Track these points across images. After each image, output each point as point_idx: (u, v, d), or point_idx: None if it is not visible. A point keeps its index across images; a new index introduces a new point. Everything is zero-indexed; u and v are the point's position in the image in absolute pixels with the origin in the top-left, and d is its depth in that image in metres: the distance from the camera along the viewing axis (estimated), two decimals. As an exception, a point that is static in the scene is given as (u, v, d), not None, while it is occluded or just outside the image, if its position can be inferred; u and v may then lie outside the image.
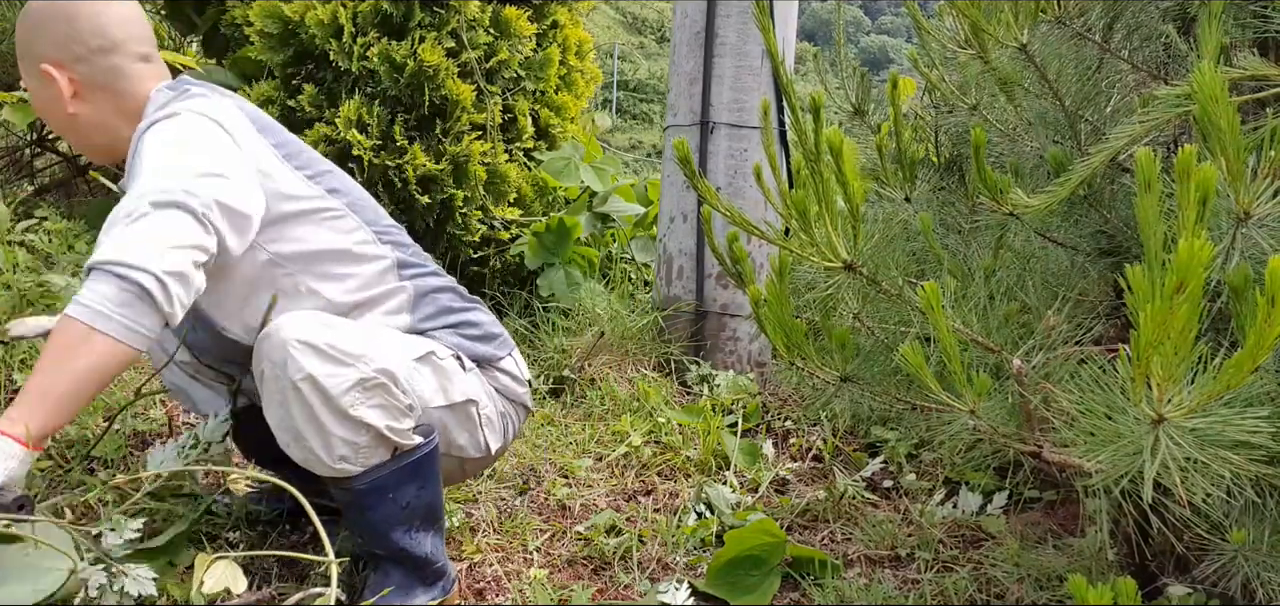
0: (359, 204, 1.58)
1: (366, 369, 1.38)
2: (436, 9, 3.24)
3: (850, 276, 1.22)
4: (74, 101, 1.45)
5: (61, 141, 4.33)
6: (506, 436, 1.73)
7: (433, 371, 1.53)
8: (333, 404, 1.36)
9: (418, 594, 1.52)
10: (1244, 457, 0.85)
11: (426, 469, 1.50)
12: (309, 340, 1.35)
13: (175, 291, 1.23)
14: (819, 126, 1.15)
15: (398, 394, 1.42)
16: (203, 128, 1.41)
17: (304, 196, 1.48)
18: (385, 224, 1.62)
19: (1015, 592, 1.64)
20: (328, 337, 1.37)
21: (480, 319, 1.70)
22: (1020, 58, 1.39)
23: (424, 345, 1.54)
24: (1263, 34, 1.30)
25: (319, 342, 1.35)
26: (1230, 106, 0.85)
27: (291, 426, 1.38)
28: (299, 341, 1.35)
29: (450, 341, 1.61)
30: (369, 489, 1.43)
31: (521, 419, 1.78)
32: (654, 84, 22.89)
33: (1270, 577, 1.14)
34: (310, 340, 1.35)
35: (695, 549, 1.87)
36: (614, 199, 3.79)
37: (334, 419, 1.37)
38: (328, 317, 1.43)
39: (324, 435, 1.37)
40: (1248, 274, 0.87)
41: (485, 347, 1.67)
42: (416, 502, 1.50)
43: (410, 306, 1.60)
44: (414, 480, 1.48)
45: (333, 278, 1.51)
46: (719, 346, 3.00)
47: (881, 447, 2.37)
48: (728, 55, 2.95)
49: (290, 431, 1.38)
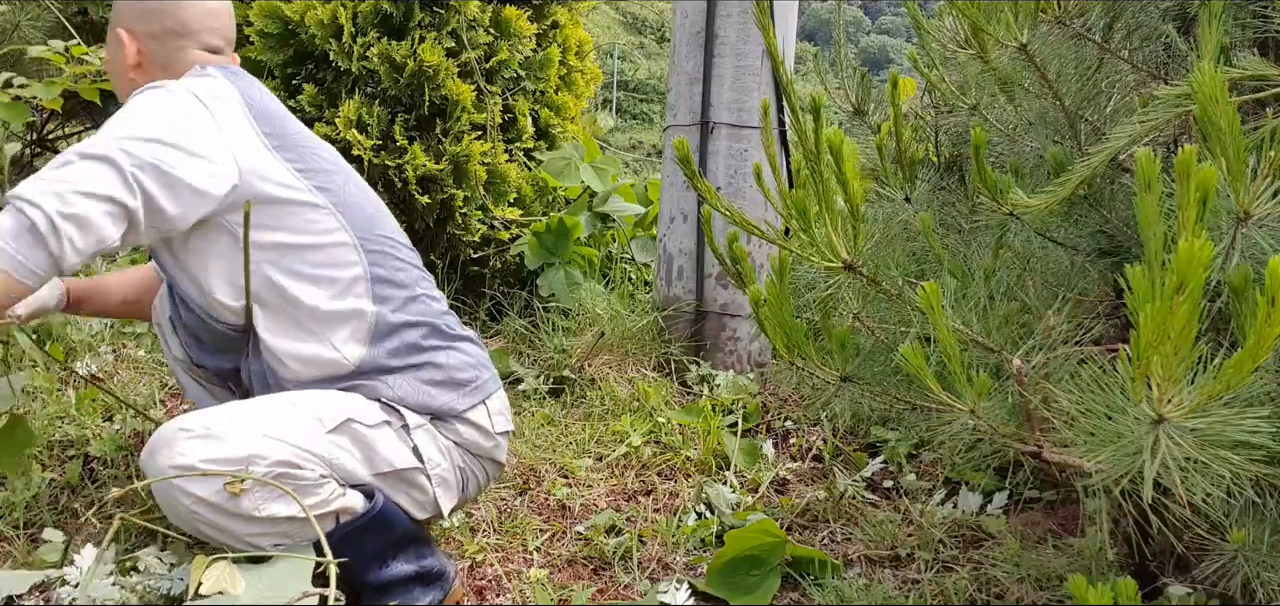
0: (349, 207, 1.52)
1: (260, 468, 1.31)
2: (436, 9, 3.24)
3: (850, 276, 1.22)
4: (135, 70, 1.55)
5: (61, 142, 4.34)
6: (466, 493, 1.61)
7: (352, 441, 1.42)
8: (234, 513, 1.30)
9: (417, 595, 1.51)
10: (1244, 457, 0.85)
11: (383, 523, 1.43)
12: (186, 464, 1.29)
13: (68, 233, 1.24)
14: (819, 126, 1.15)
15: (304, 473, 1.35)
16: (179, 101, 1.43)
17: (281, 185, 1.45)
18: (377, 235, 1.54)
19: (1015, 592, 1.64)
20: (206, 453, 1.30)
21: (451, 361, 1.56)
22: (1020, 58, 1.39)
23: (342, 409, 1.43)
24: (1263, 34, 1.30)
25: (196, 462, 1.29)
26: (1230, 106, 0.85)
27: (214, 539, 1.34)
28: (175, 468, 1.29)
29: (403, 389, 1.50)
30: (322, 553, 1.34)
31: (491, 473, 1.66)
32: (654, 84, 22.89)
33: (1270, 577, 1.14)
34: (187, 464, 1.29)
35: (695, 549, 1.87)
36: (614, 199, 3.79)
37: (244, 524, 1.31)
38: (211, 419, 1.34)
39: (246, 537, 1.33)
40: (1248, 274, 0.87)
41: (445, 396, 1.53)
42: (383, 545, 1.44)
43: (368, 338, 1.49)
44: (371, 532, 1.42)
45: (296, 274, 1.46)
46: (719, 346, 3.00)
47: (881, 447, 2.37)
48: (728, 55, 2.95)
49: (218, 545, 1.34)
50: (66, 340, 2.40)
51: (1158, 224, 0.80)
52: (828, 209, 1.18)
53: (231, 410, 1.39)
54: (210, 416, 1.35)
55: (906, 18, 1.73)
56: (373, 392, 1.49)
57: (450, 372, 1.55)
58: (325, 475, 1.38)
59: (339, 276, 1.48)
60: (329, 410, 1.42)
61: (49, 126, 4.02)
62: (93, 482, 1.92)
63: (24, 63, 3.95)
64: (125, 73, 1.56)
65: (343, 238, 1.49)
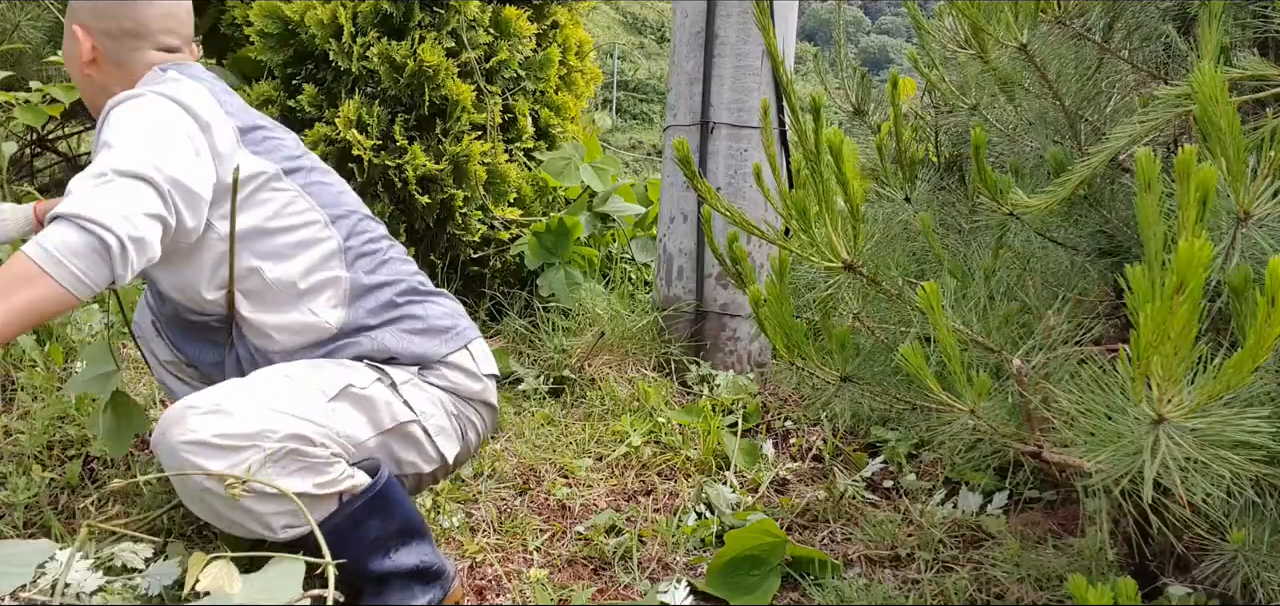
0: (316, 187, 1.58)
1: (269, 443, 1.32)
2: (436, 9, 3.24)
3: (850, 276, 1.22)
4: (90, 65, 1.56)
5: (62, 141, 4.34)
6: (467, 440, 1.66)
7: (353, 404, 1.48)
8: (246, 490, 1.31)
9: (417, 594, 1.51)
10: (1244, 457, 0.85)
11: (384, 503, 1.45)
12: (197, 439, 1.30)
13: (132, 255, 1.29)
14: (819, 126, 1.15)
15: (315, 450, 1.37)
16: (165, 110, 1.45)
17: (253, 174, 1.50)
18: (346, 208, 1.61)
19: (1015, 592, 1.64)
20: (217, 429, 1.31)
21: (429, 312, 1.63)
22: (1020, 58, 1.39)
23: (340, 378, 1.48)
24: (1263, 34, 1.30)
25: (208, 437, 1.30)
26: (1230, 106, 0.85)
27: (223, 519, 1.36)
28: (187, 444, 1.30)
29: (386, 340, 1.56)
30: (329, 535, 1.36)
31: (487, 418, 1.70)
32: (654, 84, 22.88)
33: (1270, 577, 1.14)
34: (199, 439, 1.30)
35: (695, 549, 1.87)
36: (614, 199, 3.79)
37: (256, 501, 1.33)
38: (217, 395, 1.36)
39: (255, 517, 1.34)
40: (1248, 274, 0.87)
41: (427, 343, 1.60)
42: (384, 532, 1.45)
43: (346, 300, 1.56)
44: (374, 516, 1.44)
45: (273, 255, 1.51)
46: (719, 346, 3.00)
47: (881, 447, 2.36)
48: (728, 55, 2.95)
49: (226, 523, 1.36)
50: (66, 340, 2.40)
51: (1158, 224, 0.80)
52: (828, 209, 1.18)
53: (237, 386, 1.41)
54: (217, 392, 1.37)
55: (906, 18, 1.73)
56: (358, 350, 1.55)
57: (430, 322, 1.62)
58: (336, 454, 1.41)
59: (313, 252, 1.55)
60: (328, 380, 1.47)
61: (49, 127, 4.02)
62: (93, 482, 1.92)
63: (25, 62, 3.95)
64: (81, 68, 1.57)
65: (313, 216, 1.55)
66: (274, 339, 1.54)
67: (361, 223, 1.63)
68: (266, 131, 1.57)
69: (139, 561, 1.57)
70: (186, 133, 1.44)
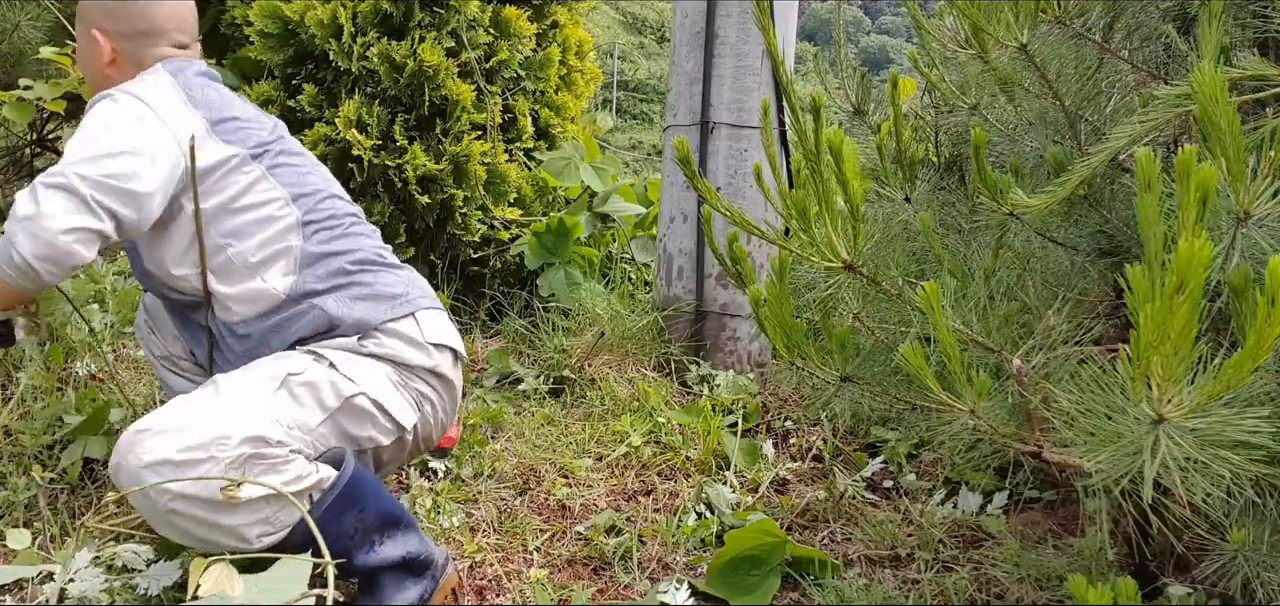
0: (281, 169, 1.62)
1: (230, 448, 1.32)
2: (436, 9, 3.24)
3: (850, 276, 1.22)
4: (110, 67, 1.64)
5: (61, 141, 4.33)
6: (423, 409, 1.63)
7: (295, 392, 1.47)
8: (215, 504, 1.31)
9: (408, 586, 1.49)
10: (1244, 457, 0.85)
11: (356, 493, 1.44)
12: (159, 458, 1.30)
13: (45, 268, 1.39)
14: (819, 126, 1.15)
15: (273, 450, 1.37)
16: (127, 110, 1.50)
17: (217, 160, 1.55)
18: (310, 187, 1.64)
19: (1015, 592, 1.64)
20: (178, 444, 1.31)
21: (381, 279, 1.63)
22: (1020, 58, 1.39)
23: (277, 369, 1.48)
24: (1263, 34, 1.30)
25: (170, 454, 1.30)
26: (1230, 106, 0.85)
27: (193, 538, 1.35)
28: (149, 465, 1.30)
29: (330, 305, 1.57)
30: (306, 536, 1.35)
31: (444, 394, 1.67)
32: (654, 84, 22.87)
33: (1270, 577, 1.14)
34: (161, 457, 1.30)
35: (695, 549, 1.87)
36: (614, 199, 3.79)
37: (226, 514, 1.32)
38: (172, 413, 1.36)
39: (229, 531, 1.33)
40: (1248, 274, 0.87)
41: (368, 308, 1.59)
42: (363, 524, 1.45)
43: (296, 268, 1.59)
44: (349, 509, 1.43)
45: (235, 233, 1.56)
46: (719, 346, 3.00)
47: (881, 447, 2.36)
48: (728, 55, 2.95)
49: (196, 541, 1.35)
50: (66, 340, 2.40)
51: (1158, 224, 0.80)
52: (828, 209, 1.18)
53: (182, 401, 1.42)
54: (164, 412, 1.38)
55: (906, 18, 1.72)
56: (301, 320, 1.57)
57: (377, 289, 1.63)
58: (294, 450, 1.40)
59: (271, 228, 1.59)
60: (266, 374, 1.48)
61: (49, 127, 4.02)
62: (93, 482, 1.92)
63: (25, 62, 3.95)
64: (100, 70, 1.64)
65: (275, 194, 1.60)
66: (232, 310, 1.59)
67: (325, 201, 1.66)
68: (240, 122, 1.62)
69: (139, 562, 1.57)
70: (137, 126, 1.49)
